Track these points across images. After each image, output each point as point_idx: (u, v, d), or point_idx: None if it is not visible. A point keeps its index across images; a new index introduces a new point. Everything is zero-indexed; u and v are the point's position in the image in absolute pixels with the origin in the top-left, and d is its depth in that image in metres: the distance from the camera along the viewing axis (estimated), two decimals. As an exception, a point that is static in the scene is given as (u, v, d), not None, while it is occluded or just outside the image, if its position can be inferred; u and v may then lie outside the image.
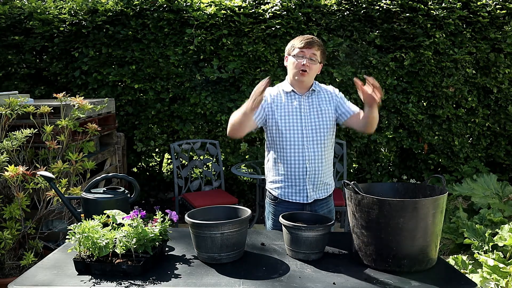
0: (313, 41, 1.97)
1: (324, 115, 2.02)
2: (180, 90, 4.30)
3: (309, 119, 2.00)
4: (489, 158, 4.74)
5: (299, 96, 2.03)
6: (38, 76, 4.47)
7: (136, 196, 1.87)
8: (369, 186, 1.72)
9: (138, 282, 1.38)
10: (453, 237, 3.23)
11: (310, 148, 1.98)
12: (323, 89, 2.10)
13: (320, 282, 1.40)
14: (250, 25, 4.16)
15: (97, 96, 4.31)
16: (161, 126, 4.40)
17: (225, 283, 1.38)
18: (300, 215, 1.74)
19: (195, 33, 4.14)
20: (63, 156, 2.78)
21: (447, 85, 4.35)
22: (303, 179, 2.00)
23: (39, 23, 4.23)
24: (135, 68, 4.21)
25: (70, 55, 4.29)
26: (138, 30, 4.19)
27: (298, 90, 2.04)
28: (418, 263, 1.48)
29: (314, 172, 2.00)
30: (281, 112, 2.00)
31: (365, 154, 4.64)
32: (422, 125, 4.46)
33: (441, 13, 4.20)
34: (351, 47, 4.30)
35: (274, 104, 2.02)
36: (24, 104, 2.80)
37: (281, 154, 2.01)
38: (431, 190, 1.66)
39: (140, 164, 4.81)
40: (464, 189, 3.84)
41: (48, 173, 1.83)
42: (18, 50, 4.34)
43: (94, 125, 2.81)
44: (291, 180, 2.01)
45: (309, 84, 2.04)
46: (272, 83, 4.80)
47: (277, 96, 2.05)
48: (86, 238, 1.46)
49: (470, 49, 4.31)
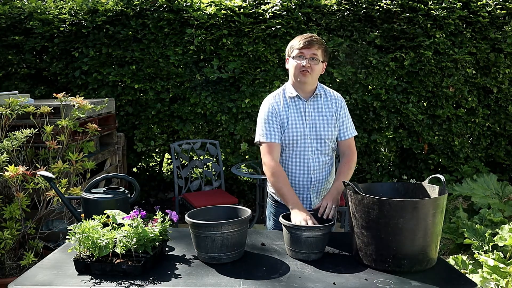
0: (312, 40, 1.86)
1: (329, 122, 1.94)
2: (180, 90, 4.30)
3: (314, 128, 1.93)
4: (489, 158, 4.74)
5: (304, 102, 1.95)
6: (38, 76, 4.47)
7: (136, 196, 1.87)
8: (369, 186, 1.72)
9: (138, 282, 1.38)
10: (453, 237, 3.23)
11: (315, 158, 1.93)
12: (328, 93, 2.00)
13: (320, 282, 1.40)
14: (250, 25, 4.16)
15: (97, 96, 4.31)
16: (161, 126, 4.40)
17: (225, 283, 1.38)
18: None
19: (195, 33, 4.14)
20: (63, 156, 2.78)
21: (447, 85, 4.35)
22: (307, 188, 1.96)
23: (39, 23, 4.23)
24: (135, 68, 4.21)
25: (70, 55, 4.29)
26: (138, 30, 4.19)
27: (302, 95, 1.94)
28: (418, 263, 1.48)
29: (319, 181, 1.97)
30: (287, 120, 1.92)
31: (365, 154, 4.64)
32: (422, 125, 4.46)
33: (441, 13, 4.21)
34: (351, 47, 4.30)
35: (284, 115, 1.93)
36: (24, 104, 2.80)
37: (285, 163, 1.96)
38: (431, 190, 1.66)
39: (140, 164, 4.81)
40: (464, 189, 3.84)
41: (48, 173, 1.83)
42: (18, 50, 4.34)
43: (94, 125, 2.81)
44: (294, 188, 1.95)
45: (313, 86, 1.95)
46: (271, 82, 4.75)
47: (284, 105, 1.94)
48: (86, 238, 1.46)
49: (470, 49, 4.31)
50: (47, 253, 2.81)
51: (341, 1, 4.29)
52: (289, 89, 1.97)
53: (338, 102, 1.99)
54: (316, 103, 1.96)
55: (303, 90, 1.95)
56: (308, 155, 1.93)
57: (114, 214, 1.56)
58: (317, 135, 1.93)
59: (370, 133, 4.48)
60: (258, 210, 4.02)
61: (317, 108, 1.95)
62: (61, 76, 4.34)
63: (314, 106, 1.95)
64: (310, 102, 1.96)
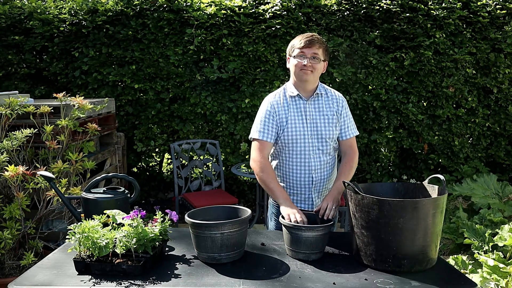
0: (313, 39, 1.86)
1: (330, 122, 1.94)
2: (180, 90, 4.30)
3: (315, 127, 1.92)
4: (489, 158, 4.74)
5: (304, 102, 1.95)
6: (38, 76, 4.47)
7: (136, 196, 1.87)
8: (369, 186, 1.72)
9: (138, 282, 1.38)
10: (453, 237, 3.23)
11: (317, 158, 1.93)
12: (329, 93, 2.00)
13: (320, 282, 1.40)
14: (250, 25, 4.16)
15: (97, 96, 4.31)
16: (161, 126, 4.40)
17: (225, 283, 1.38)
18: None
19: (195, 33, 4.15)
20: (63, 156, 2.78)
21: (447, 85, 4.36)
22: (308, 188, 1.96)
23: (39, 23, 4.23)
24: (135, 68, 4.21)
25: (70, 55, 4.29)
26: (138, 30, 4.19)
27: (303, 94, 1.94)
28: (418, 263, 1.48)
29: (320, 180, 1.96)
30: (287, 120, 1.92)
31: (365, 154, 4.64)
32: (422, 125, 4.46)
33: (441, 13, 4.21)
34: (351, 47, 4.30)
35: (282, 115, 1.93)
36: (24, 104, 2.80)
37: (286, 163, 1.96)
38: (431, 190, 1.66)
39: (140, 164, 4.81)
40: (464, 189, 3.84)
41: (48, 173, 1.83)
42: (18, 50, 4.34)
43: (94, 125, 2.82)
44: (296, 188, 1.96)
45: (314, 85, 1.95)
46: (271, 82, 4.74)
47: (284, 105, 1.94)
48: (86, 238, 1.47)
49: (470, 49, 4.32)
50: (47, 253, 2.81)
51: (341, 1, 4.29)
52: (290, 88, 1.97)
53: (339, 102, 1.99)
54: (317, 102, 1.96)
55: (304, 89, 1.95)
56: (309, 155, 1.93)
57: (114, 214, 1.57)
58: (318, 134, 1.93)
59: (370, 133, 4.48)
60: (258, 210, 4.02)
61: (318, 108, 1.95)
62: (61, 76, 4.35)
63: (315, 105, 1.95)
64: (311, 101, 1.95)
